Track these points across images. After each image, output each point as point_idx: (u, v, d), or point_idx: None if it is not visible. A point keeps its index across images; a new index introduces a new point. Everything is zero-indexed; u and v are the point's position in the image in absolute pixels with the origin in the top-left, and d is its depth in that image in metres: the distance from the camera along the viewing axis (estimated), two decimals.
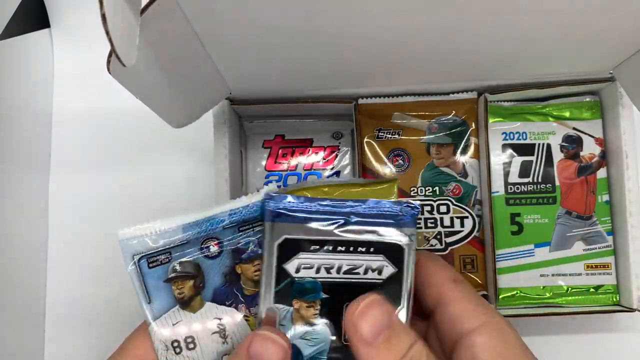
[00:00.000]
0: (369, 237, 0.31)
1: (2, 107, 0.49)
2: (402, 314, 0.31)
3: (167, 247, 0.32)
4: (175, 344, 0.32)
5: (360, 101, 0.48)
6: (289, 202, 0.32)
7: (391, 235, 0.31)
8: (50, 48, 0.56)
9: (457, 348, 0.29)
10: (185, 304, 0.33)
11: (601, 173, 0.47)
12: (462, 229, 0.47)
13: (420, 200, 0.48)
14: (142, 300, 0.32)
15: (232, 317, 0.33)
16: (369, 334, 0.27)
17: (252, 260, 0.33)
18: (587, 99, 0.48)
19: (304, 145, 0.51)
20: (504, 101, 0.48)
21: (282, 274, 0.31)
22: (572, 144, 0.47)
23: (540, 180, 0.47)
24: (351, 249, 0.31)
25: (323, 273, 0.31)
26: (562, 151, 0.47)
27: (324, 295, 0.31)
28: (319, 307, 0.31)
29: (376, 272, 0.31)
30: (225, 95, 0.44)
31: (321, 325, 0.31)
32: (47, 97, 0.55)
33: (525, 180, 0.47)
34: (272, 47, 0.35)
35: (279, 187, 0.50)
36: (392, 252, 0.31)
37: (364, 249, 0.31)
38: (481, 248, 0.47)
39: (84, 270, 0.53)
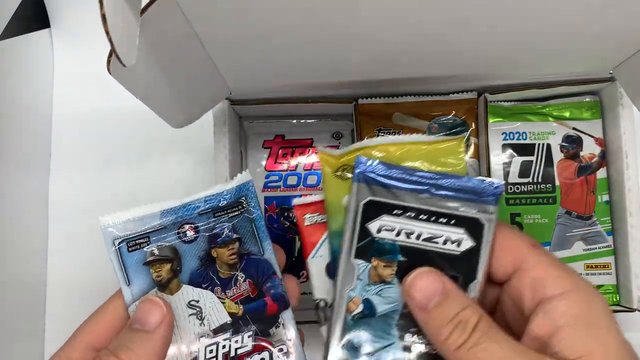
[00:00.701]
0: (451, 209, 0.33)
1: (2, 107, 0.49)
2: (476, 288, 0.32)
3: (146, 231, 0.34)
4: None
5: (360, 101, 0.48)
6: (378, 166, 0.34)
7: (473, 210, 0.33)
8: (50, 48, 0.56)
9: (536, 313, 0.29)
10: (164, 286, 0.34)
11: (601, 173, 0.47)
12: None
13: None
14: (122, 282, 0.34)
15: (208, 299, 0.34)
16: (421, 300, 0.29)
17: (226, 244, 0.35)
18: (587, 99, 0.48)
19: (304, 145, 0.51)
20: (504, 101, 0.48)
21: (364, 232, 0.33)
22: (572, 144, 0.47)
23: (540, 180, 0.47)
24: (433, 218, 0.33)
25: (403, 237, 0.33)
26: (562, 151, 0.47)
27: (401, 258, 0.32)
28: (395, 268, 0.32)
29: (455, 244, 0.32)
30: (225, 95, 0.44)
31: (396, 286, 0.32)
32: (47, 97, 0.55)
33: (525, 180, 0.47)
34: (272, 47, 0.35)
35: (278, 187, 0.50)
36: (473, 226, 0.32)
37: (445, 220, 0.32)
38: None
39: (83, 269, 0.53)
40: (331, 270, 0.35)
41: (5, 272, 0.48)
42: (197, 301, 0.34)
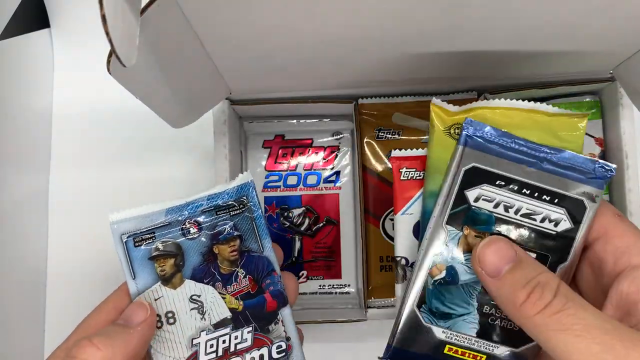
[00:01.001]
0: (556, 187, 0.31)
1: (2, 107, 0.49)
2: (565, 270, 0.31)
3: (151, 228, 0.35)
4: (158, 317, 0.35)
5: (360, 101, 0.48)
6: (488, 131, 0.32)
7: (578, 191, 0.31)
8: (50, 48, 0.56)
9: (620, 279, 0.28)
10: (167, 280, 0.35)
11: None
12: None
13: None
14: (128, 275, 0.35)
15: (210, 294, 0.35)
16: (493, 267, 0.28)
17: (228, 241, 0.36)
18: (587, 99, 0.48)
19: (304, 145, 0.51)
20: None
21: (461, 198, 0.32)
22: None
23: None
24: (535, 194, 0.31)
25: (500, 209, 0.32)
26: None
27: (495, 230, 0.31)
28: (487, 240, 0.31)
29: (553, 223, 0.31)
30: (225, 95, 0.44)
31: None
32: (47, 97, 0.55)
33: None
34: (272, 47, 0.35)
35: (278, 187, 0.50)
36: (575, 208, 0.31)
37: (547, 198, 0.31)
38: None
39: (84, 269, 0.53)
40: (418, 230, 0.34)
41: (6, 271, 0.48)
42: (199, 296, 0.35)
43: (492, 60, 0.41)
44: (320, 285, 0.49)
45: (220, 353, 0.35)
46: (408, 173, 0.36)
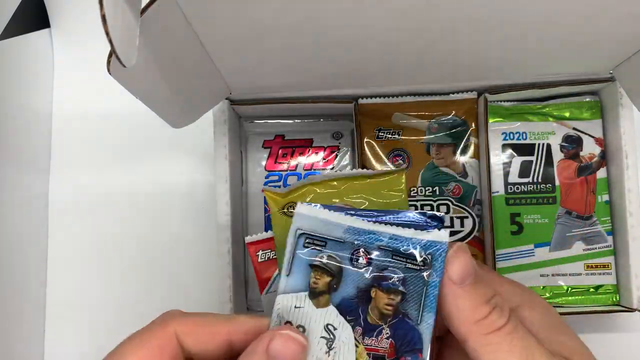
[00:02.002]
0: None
1: (2, 107, 0.49)
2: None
3: (326, 237, 0.33)
4: (287, 325, 0.32)
5: (360, 101, 0.48)
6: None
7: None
8: (50, 48, 0.56)
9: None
10: (314, 295, 0.32)
11: (601, 173, 0.47)
12: (462, 229, 0.47)
13: (420, 200, 0.48)
14: (284, 270, 0.33)
15: (345, 334, 0.32)
16: (459, 274, 0.29)
17: (389, 291, 0.32)
18: (587, 99, 0.48)
19: (304, 145, 0.51)
20: (504, 101, 0.48)
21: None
22: (572, 144, 0.47)
23: (540, 180, 0.47)
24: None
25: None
26: (562, 151, 0.47)
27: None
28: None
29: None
30: (225, 95, 0.44)
31: None
32: (47, 97, 0.55)
33: (525, 180, 0.47)
34: (272, 47, 0.35)
35: (278, 187, 0.50)
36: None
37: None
38: (481, 248, 0.47)
39: (84, 270, 0.53)
40: None
41: (5, 272, 0.48)
42: (335, 329, 0.32)
43: (492, 60, 0.41)
44: None
45: None
46: (265, 255, 0.38)
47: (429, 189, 0.48)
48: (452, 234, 0.47)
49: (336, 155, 0.50)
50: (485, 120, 0.47)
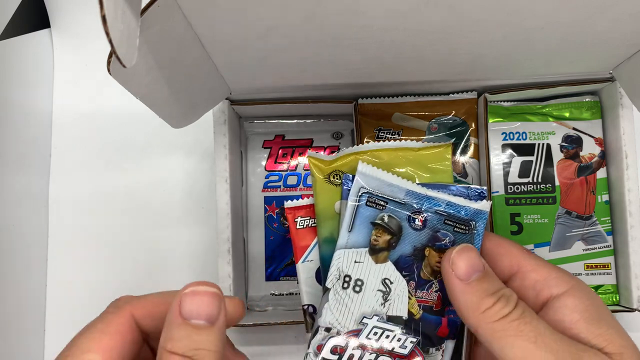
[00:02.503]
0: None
1: (2, 107, 0.49)
2: None
3: (388, 197, 0.35)
4: (347, 279, 0.35)
5: (360, 101, 0.48)
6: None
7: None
8: (50, 48, 0.56)
9: (545, 311, 0.31)
10: (374, 251, 0.35)
11: (601, 173, 0.47)
12: None
13: None
14: (345, 226, 0.35)
15: (400, 287, 0.35)
16: (464, 271, 0.31)
17: (441, 250, 0.35)
18: (587, 99, 0.48)
19: (304, 145, 0.51)
20: (504, 101, 0.48)
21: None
22: (572, 144, 0.47)
23: (540, 180, 0.47)
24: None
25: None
26: (562, 151, 0.48)
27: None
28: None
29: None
30: (225, 95, 0.44)
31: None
32: (47, 97, 0.55)
33: (525, 180, 0.47)
34: (272, 47, 0.35)
35: (278, 187, 0.50)
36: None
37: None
38: None
39: (84, 269, 0.53)
40: (320, 276, 0.35)
41: (5, 272, 0.48)
42: (392, 282, 0.35)
43: (492, 61, 0.41)
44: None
45: (378, 346, 0.34)
46: (304, 221, 0.38)
47: None
48: None
49: None
50: (485, 120, 0.47)
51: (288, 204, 0.37)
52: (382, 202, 0.35)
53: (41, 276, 0.53)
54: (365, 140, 0.48)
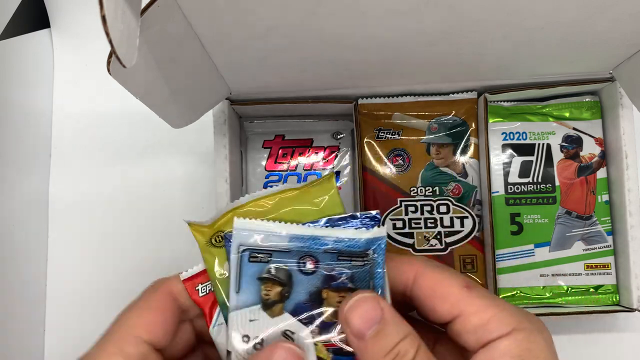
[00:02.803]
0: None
1: (2, 107, 0.49)
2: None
3: (270, 249, 0.34)
4: (246, 339, 0.33)
5: (360, 101, 0.48)
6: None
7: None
8: (50, 48, 0.56)
9: (476, 355, 0.28)
10: (267, 306, 0.34)
11: (601, 173, 0.47)
12: (462, 229, 0.47)
13: (420, 200, 0.48)
14: (232, 288, 0.34)
15: (303, 335, 0.33)
16: (359, 327, 0.28)
17: (339, 290, 0.34)
18: (587, 99, 0.48)
19: (304, 145, 0.51)
20: (504, 101, 0.48)
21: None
22: (572, 144, 0.47)
23: (540, 180, 0.47)
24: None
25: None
26: (562, 151, 0.48)
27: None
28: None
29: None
30: (225, 95, 0.44)
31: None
32: (47, 97, 0.55)
33: (525, 180, 0.47)
34: (272, 47, 0.35)
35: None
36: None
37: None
38: (481, 248, 0.47)
39: (84, 269, 0.53)
40: None
41: (6, 272, 0.48)
42: (293, 333, 0.33)
43: (492, 61, 0.41)
44: None
45: None
46: (205, 288, 0.36)
47: (428, 189, 0.48)
48: (452, 234, 0.47)
49: (336, 155, 0.50)
50: (485, 120, 0.47)
51: (183, 275, 0.36)
52: (265, 255, 0.34)
53: (41, 276, 0.53)
54: (365, 140, 0.48)
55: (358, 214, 0.35)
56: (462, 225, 0.47)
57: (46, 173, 0.54)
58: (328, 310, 0.33)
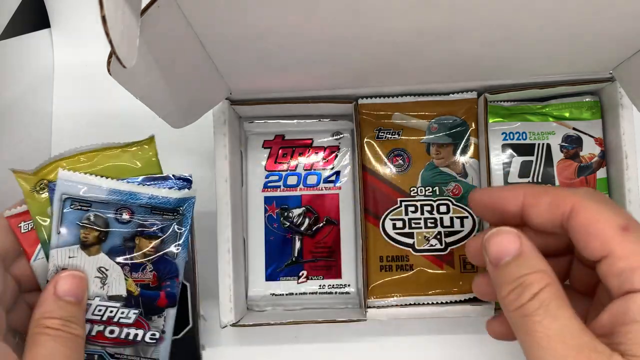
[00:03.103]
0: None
1: (2, 107, 0.49)
2: None
3: (91, 200, 0.40)
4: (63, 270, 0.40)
5: (360, 101, 0.48)
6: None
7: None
8: (50, 48, 0.56)
9: (615, 301, 0.28)
10: (86, 247, 0.40)
11: (601, 173, 0.47)
12: (462, 229, 0.47)
13: (420, 200, 0.48)
14: (54, 229, 0.39)
15: (116, 272, 0.41)
16: (494, 255, 0.31)
17: (150, 238, 0.41)
18: (587, 99, 0.48)
19: (304, 145, 0.51)
20: (504, 101, 0.48)
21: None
22: (572, 144, 0.47)
23: (540, 180, 0.47)
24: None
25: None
26: (562, 151, 0.47)
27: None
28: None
29: None
30: (225, 95, 0.44)
31: None
32: (47, 97, 0.55)
33: (525, 180, 0.47)
34: (272, 47, 0.35)
35: (278, 187, 0.50)
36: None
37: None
38: None
39: None
40: None
41: None
42: (107, 270, 0.41)
43: (492, 61, 0.41)
44: (320, 285, 0.49)
45: (104, 318, 0.41)
46: (28, 225, 0.41)
47: (428, 189, 0.48)
48: (452, 234, 0.47)
49: (336, 156, 0.50)
50: (485, 120, 0.47)
51: (7, 213, 0.41)
52: (85, 204, 0.40)
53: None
54: (365, 140, 0.48)
55: (172, 175, 0.42)
56: (462, 225, 0.47)
57: None
58: (138, 254, 0.41)
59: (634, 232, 0.29)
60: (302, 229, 0.50)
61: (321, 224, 0.50)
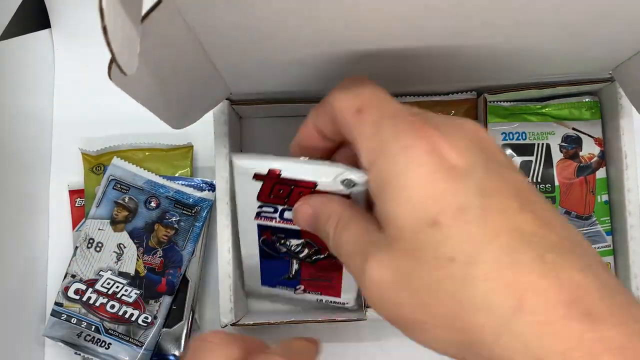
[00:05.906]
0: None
1: (3, 108, 0.49)
2: None
3: (129, 184, 0.49)
4: (91, 241, 0.49)
5: None
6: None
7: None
8: (50, 48, 0.56)
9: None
10: (114, 222, 0.49)
11: (600, 173, 0.47)
12: None
13: None
14: (95, 203, 0.49)
15: (131, 251, 0.48)
16: (304, 226, 0.35)
17: (167, 227, 0.49)
18: (587, 99, 0.48)
19: (307, 187, 0.49)
20: (504, 101, 0.48)
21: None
22: (572, 144, 0.48)
23: (539, 180, 0.47)
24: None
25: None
26: (561, 151, 0.48)
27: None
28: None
29: None
30: (225, 96, 0.44)
31: None
32: (47, 97, 0.55)
33: None
34: (272, 48, 0.35)
35: (274, 218, 0.48)
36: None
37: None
38: None
39: None
40: None
41: (6, 273, 0.48)
42: (125, 247, 0.48)
43: (492, 61, 0.41)
44: (317, 300, 0.46)
45: (110, 292, 0.47)
46: (82, 201, 0.52)
47: None
48: None
49: None
50: (484, 121, 0.47)
51: (70, 187, 0.53)
52: (125, 187, 0.49)
53: (42, 277, 0.53)
54: None
55: (199, 179, 0.50)
56: None
57: (46, 173, 0.55)
58: (154, 239, 0.48)
59: (366, 112, 0.30)
60: (301, 256, 0.43)
61: (322, 257, 0.43)
